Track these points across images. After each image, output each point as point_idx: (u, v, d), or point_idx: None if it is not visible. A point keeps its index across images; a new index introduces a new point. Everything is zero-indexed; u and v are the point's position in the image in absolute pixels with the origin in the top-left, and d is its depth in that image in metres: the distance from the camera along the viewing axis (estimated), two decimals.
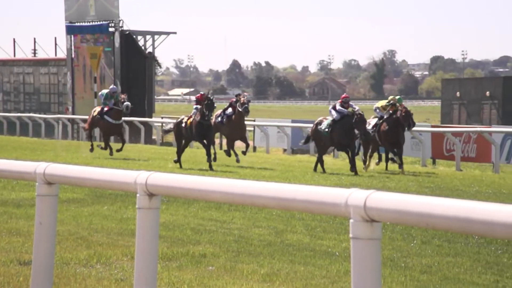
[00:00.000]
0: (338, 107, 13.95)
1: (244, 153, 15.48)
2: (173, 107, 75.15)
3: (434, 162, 17.05)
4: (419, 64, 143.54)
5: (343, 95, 14.65)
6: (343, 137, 13.75)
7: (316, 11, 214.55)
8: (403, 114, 14.10)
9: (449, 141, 16.55)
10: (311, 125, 21.81)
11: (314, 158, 19.69)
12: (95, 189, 9.27)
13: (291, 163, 16.28)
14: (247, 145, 15.67)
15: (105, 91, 17.27)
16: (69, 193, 9.40)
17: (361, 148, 14.61)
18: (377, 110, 14.51)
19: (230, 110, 15.51)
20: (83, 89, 30.83)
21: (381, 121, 14.30)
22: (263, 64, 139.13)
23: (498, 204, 2.35)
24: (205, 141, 14.45)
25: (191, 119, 14.61)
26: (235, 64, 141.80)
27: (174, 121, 15.56)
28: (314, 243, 6.39)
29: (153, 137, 27.26)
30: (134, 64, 29.23)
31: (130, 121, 24.18)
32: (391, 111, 14.26)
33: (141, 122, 25.10)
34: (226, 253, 5.95)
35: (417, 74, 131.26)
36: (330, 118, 14.16)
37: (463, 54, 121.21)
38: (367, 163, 14.41)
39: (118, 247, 6.09)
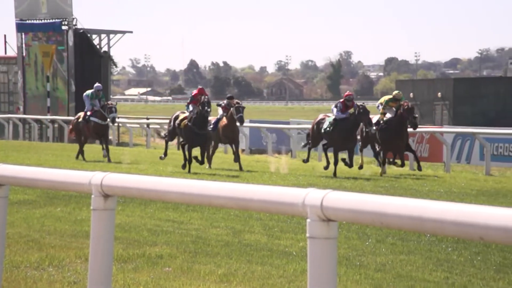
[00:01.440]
0: (337, 112, 13.19)
1: (235, 160, 14.22)
2: (129, 106, 74.22)
3: (389, 162, 17.33)
4: (374, 65, 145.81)
5: (346, 93, 13.75)
6: (343, 138, 13.14)
7: (274, 11, 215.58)
8: (406, 107, 13.30)
9: None
10: (268, 125, 22.10)
11: (272, 158, 19.81)
12: (47, 191, 9.08)
13: (249, 163, 16.30)
14: (236, 152, 14.33)
15: (89, 91, 16.42)
16: (20, 194, 9.18)
17: (377, 149, 13.69)
18: (380, 107, 13.72)
19: (220, 112, 14.55)
20: (35, 88, 30.21)
21: (384, 119, 13.49)
22: (221, 64, 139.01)
23: (449, 203, 2.41)
24: (199, 148, 13.47)
25: (186, 121, 13.63)
26: (193, 64, 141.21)
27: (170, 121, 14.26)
28: (271, 243, 6.41)
29: (109, 137, 26.90)
30: (88, 63, 28.78)
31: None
32: (394, 108, 13.45)
33: None
34: (183, 254, 5.91)
35: (372, 75, 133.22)
36: (332, 116, 13.46)
37: (416, 56, 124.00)
38: (360, 160, 13.70)
39: (71, 249, 5.99)
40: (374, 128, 13.32)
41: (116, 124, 16.77)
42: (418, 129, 14.32)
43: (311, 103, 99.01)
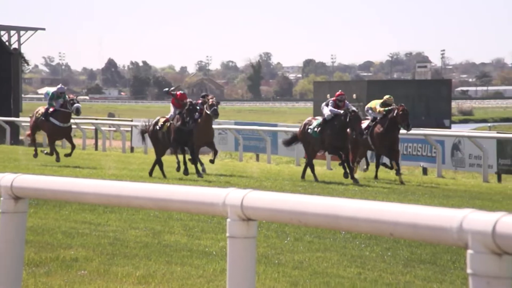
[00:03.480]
0: (330, 107, 12.40)
1: (211, 161, 13.58)
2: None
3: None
4: (293, 67, 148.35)
5: (337, 93, 12.80)
6: (335, 139, 12.25)
7: (194, 11, 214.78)
8: (401, 112, 12.55)
9: None
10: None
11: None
12: None
13: (171, 163, 16.18)
14: (215, 152, 13.65)
15: (50, 90, 15.43)
16: None
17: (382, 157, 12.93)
18: (370, 111, 12.93)
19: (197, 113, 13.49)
20: None
21: (374, 122, 12.76)
22: (141, 64, 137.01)
23: (362, 201, 2.48)
24: (186, 148, 12.87)
25: (168, 123, 12.96)
26: (111, 63, 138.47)
27: (145, 123, 13.67)
28: (191, 243, 6.39)
29: (21, 137, 25.94)
30: None
31: None
32: (384, 112, 12.73)
33: (7, 122, 23.76)
34: (100, 256, 5.80)
35: (291, 76, 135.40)
36: (320, 118, 12.66)
37: (332, 58, 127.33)
38: (354, 169, 12.88)
39: None
40: (364, 135, 12.64)
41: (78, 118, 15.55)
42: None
43: (232, 104, 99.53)
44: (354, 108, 12.42)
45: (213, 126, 21.91)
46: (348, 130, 12.29)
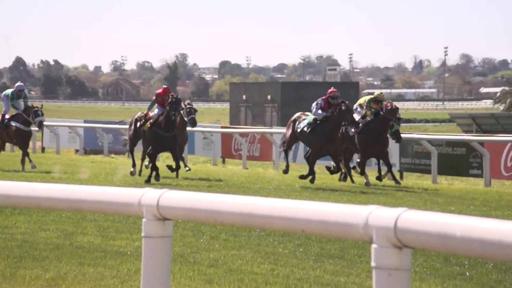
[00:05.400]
0: (318, 111, 11.57)
1: (173, 168, 12.44)
2: None
3: (223, 161, 17.77)
4: (209, 68, 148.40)
5: (330, 90, 11.96)
6: (324, 142, 11.51)
7: (108, 11, 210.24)
8: (389, 108, 11.88)
9: (237, 141, 17.41)
10: (104, 125, 21.44)
11: (108, 159, 19.36)
12: None
13: (84, 163, 15.79)
14: (181, 159, 12.69)
15: (9, 91, 14.11)
16: None
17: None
18: (358, 109, 12.12)
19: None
20: None
21: (363, 119, 11.98)
22: (52, 63, 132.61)
23: (276, 199, 2.57)
24: (170, 153, 12.08)
25: (149, 122, 12.13)
26: (19, 61, 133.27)
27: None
28: (105, 244, 6.31)
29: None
30: None
31: None
32: (373, 109, 11.97)
33: None
34: (6, 260, 5.61)
35: (208, 77, 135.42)
36: (311, 116, 11.84)
37: (247, 60, 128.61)
38: (344, 171, 12.19)
39: None
40: (353, 130, 11.86)
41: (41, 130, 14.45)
42: (250, 130, 13.70)
43: (148, 104, 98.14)
44: (346, 102, 11.78)
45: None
46: (338, 133, 11.58)
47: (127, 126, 19.94)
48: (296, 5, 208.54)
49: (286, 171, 12.30)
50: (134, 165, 12.77)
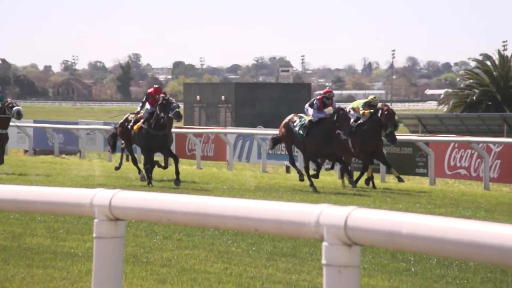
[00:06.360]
0: (314, 111, 11.34)
1: (163, 166, 12.29)
2: None
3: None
4: (163, 68, 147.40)
5: (325, 90, 11.85)
6: (320, 145, 11.16)
7: (57, 10, 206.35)
8: (386, 112, 11.80)
9: (191, 142, 17.42)
10: (54, 125, 21.06)
11: (58, 159, 19.05)
12: None
13: (34, 164, 15.49)
14: (169, 159, 12.28)
15: None
16: None
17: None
18: (351, 112, 12.03)
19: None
20: None
21: (356, 123, 11.90)
22: None
23: (229, 198, 2.59)
24: (162, 154, 11.77)
25: (139, 124, 11.80)
26: None
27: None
28: (55, 245, 6.22)
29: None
30: None
31: None
32: (367, 113, 11.93)
33: None
34: None
35: (161, 77, 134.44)
36: (305, 117, 11.50)
37: (201, 61, 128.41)
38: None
39: None
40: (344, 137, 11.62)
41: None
42: (204, 130, 13.45)
43: (100, 104, 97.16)
44: (342, 107, 11.77)
45: (82, 126, 21.09)
46: (334, 135, 11.29)
47: (78, 126, 19.74)
48: (250, 6, 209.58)
49: (301, 179, 11.64)
50: (139, 171, 12.32)
